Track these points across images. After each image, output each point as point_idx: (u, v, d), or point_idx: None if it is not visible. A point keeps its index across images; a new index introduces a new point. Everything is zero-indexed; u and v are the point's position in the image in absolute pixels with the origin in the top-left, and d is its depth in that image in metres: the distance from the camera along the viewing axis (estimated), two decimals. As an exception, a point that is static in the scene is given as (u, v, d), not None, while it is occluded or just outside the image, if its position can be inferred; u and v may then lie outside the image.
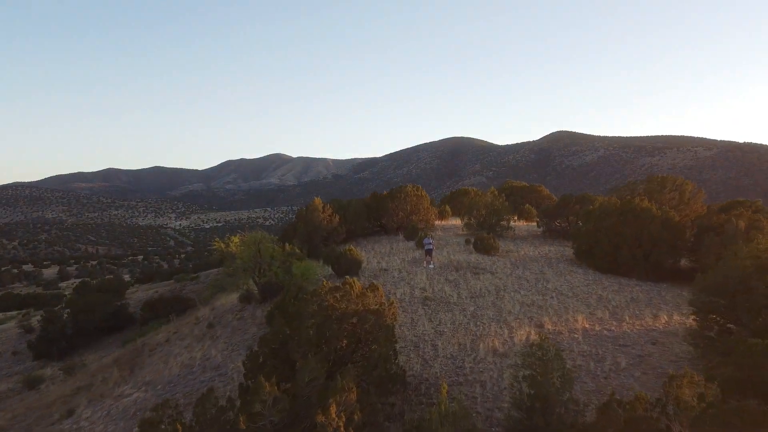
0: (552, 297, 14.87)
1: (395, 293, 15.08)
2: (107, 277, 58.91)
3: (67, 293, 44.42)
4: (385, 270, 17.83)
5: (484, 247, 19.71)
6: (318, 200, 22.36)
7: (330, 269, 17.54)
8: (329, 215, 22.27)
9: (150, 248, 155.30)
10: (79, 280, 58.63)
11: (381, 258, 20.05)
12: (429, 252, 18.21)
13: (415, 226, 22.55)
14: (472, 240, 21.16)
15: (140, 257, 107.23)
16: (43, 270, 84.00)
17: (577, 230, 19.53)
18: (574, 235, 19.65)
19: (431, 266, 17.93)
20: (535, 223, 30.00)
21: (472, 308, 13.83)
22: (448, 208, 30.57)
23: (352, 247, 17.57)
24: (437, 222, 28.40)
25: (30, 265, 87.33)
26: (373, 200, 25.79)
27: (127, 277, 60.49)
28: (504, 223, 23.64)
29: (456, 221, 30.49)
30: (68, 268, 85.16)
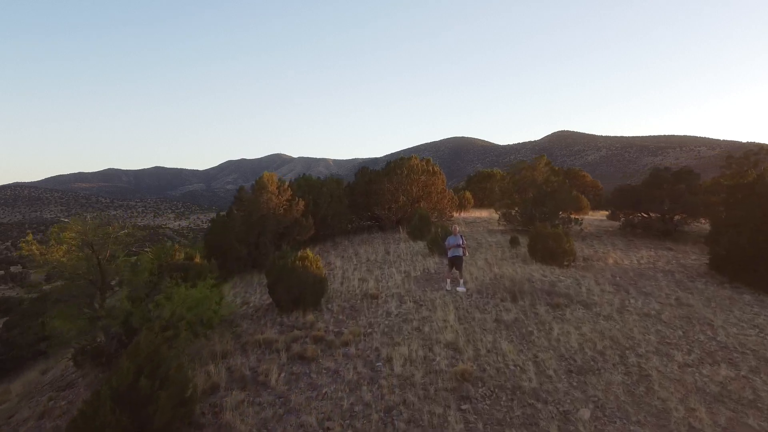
0: (751, 370, 6.40)
1: (391, 360, 6.62)
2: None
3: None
4: (374, 297, 9.33)
5: (549, 253, 11.20)
6: (270, 175, 13.85)
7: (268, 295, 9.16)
8: (288, 199, 13.81)
9: (146, 248, 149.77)
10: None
11: (368, 271, 11.56)
12: (457, 262, 9.70)
13: (426, 216, 14.11)
14: (523, 240, 12.69)
15: (134, 258, 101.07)
16: (32, 271, 77.76)
17: (720, 223, 10.97)
18: (712, 232, 11.11)
19: (461, 288, 9.48)
20: (589, 215, 21.91)
21: (586, 414, 5.39)
22: (468, 194, 21.93)
23: (309, 252, 9.15)
24: (455, 214, 19.91)
25: (19, 266, 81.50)
26: (362, 178, 17.14)
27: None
28: (564, 214, 15.08)
29: (480, 213, 22.09)
30: (58, 270, 79.01)
